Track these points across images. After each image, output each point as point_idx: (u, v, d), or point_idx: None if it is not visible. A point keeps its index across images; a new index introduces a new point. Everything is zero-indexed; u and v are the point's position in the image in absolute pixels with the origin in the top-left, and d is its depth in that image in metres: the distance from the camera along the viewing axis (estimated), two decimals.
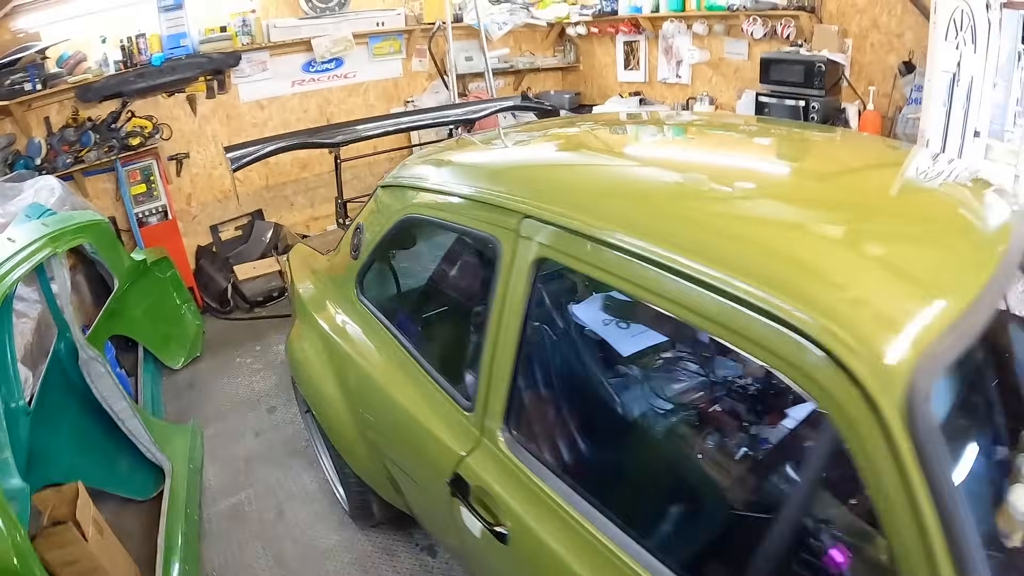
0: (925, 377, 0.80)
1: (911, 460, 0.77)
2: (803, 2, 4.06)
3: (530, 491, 1.31)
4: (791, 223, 1.14)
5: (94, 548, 2.09)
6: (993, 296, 0.95)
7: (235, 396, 3.64)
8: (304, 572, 2.43)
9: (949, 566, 0.75)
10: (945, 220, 1.18)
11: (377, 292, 2.22)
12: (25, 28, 3.95)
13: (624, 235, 1.13)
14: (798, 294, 0.89)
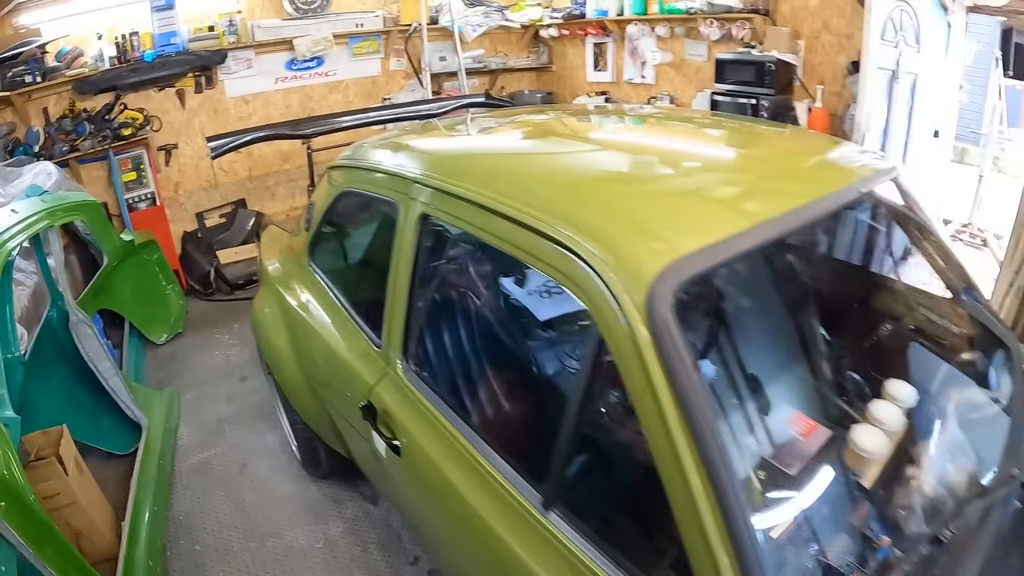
0: (661, 292, 1.06)
1: (649, 346, 1.04)
2: (757, 5, 4.31)
3: (417, 409, 1.62)
4: (604, 181, 1.47)
5: (73, 484, 2.38)
6: (754, 237, 1.22)
7: (212, 367, 3.95)
8: (261, 517, 2.72)
9: (682, 432, 0.99)
10: (748, 185, 1.48)
11: (323, 258, 2.53)
12: (27, 24, 4.25)
13: (471, 191, 1.47)
14: (581, 229, 1.20)
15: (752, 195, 1.40)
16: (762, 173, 1.55)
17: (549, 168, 1.69)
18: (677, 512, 0.97)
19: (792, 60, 4.21)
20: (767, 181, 1.49)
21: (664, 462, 0.99)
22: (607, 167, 1.65)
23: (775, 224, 1.28)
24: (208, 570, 2.47)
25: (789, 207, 1.34)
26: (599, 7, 5.23)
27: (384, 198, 1.90)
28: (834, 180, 1.52)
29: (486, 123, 2.32)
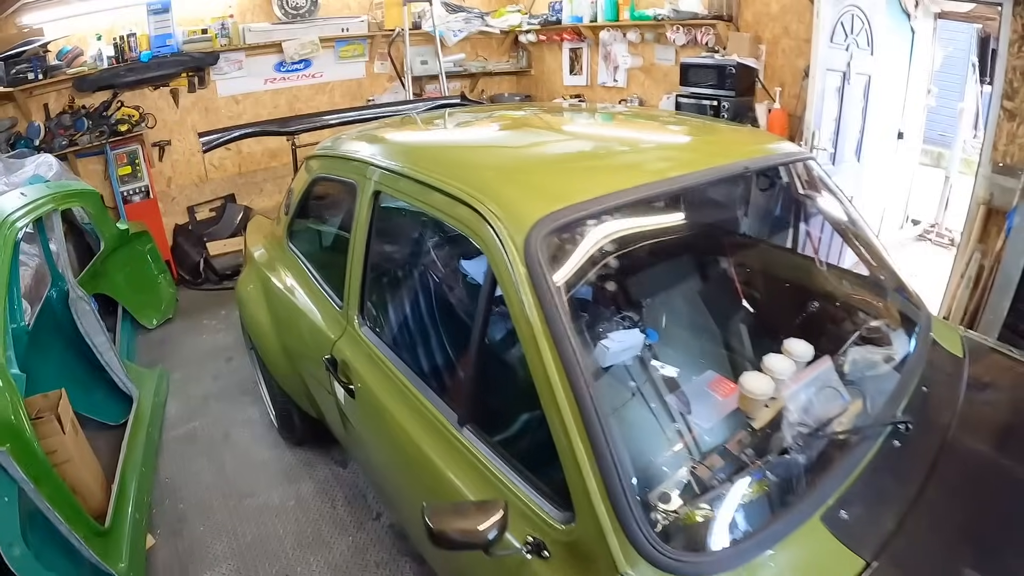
0: (538, 233, 1.35)
1: (524, 280, 1.31)
2: (721, 12, 4.57)
3: (368, 357, 1.89)
4: (517, 159, 1.78)
5: (69, 443, 2.63)
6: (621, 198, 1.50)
7: (200, 349, 4.20)
8: (239, 479, 2.98)
9: (549, 345, 1.25)
10: (636, 161, 1.78)
11: (299, 237, 2.80)
12: (30, 24, 4.50)
13: (411, 169, 1.76)
14: (484, 193, 1.48)
15: (634, 168, 1.69)
16: (656, 152, 1.84)
17: (477, 151, 2.02)
18: (548, 416, 1.23)
19: (753, 64, 4.45)
20: (655, 158, 1.77)
21: (537, 375, 1.26)
22: (524, 149, 1.97)
23: (643, 188, 1.57)
24: (190, 524, 2.72)
25: (661, 176, 1.64)
26: (574, 14, 5.51)
27: (347, 180, 2.18)
28: (719, 158, 1.80)
29: (441, 118, 2.60)
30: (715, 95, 4.44)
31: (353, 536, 2.59)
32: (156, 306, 4.61)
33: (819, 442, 1.42)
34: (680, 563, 1.09)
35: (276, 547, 2.56)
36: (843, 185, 4.09)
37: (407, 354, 1.85)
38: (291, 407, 2.86)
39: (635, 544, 1.10)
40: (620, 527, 1.11)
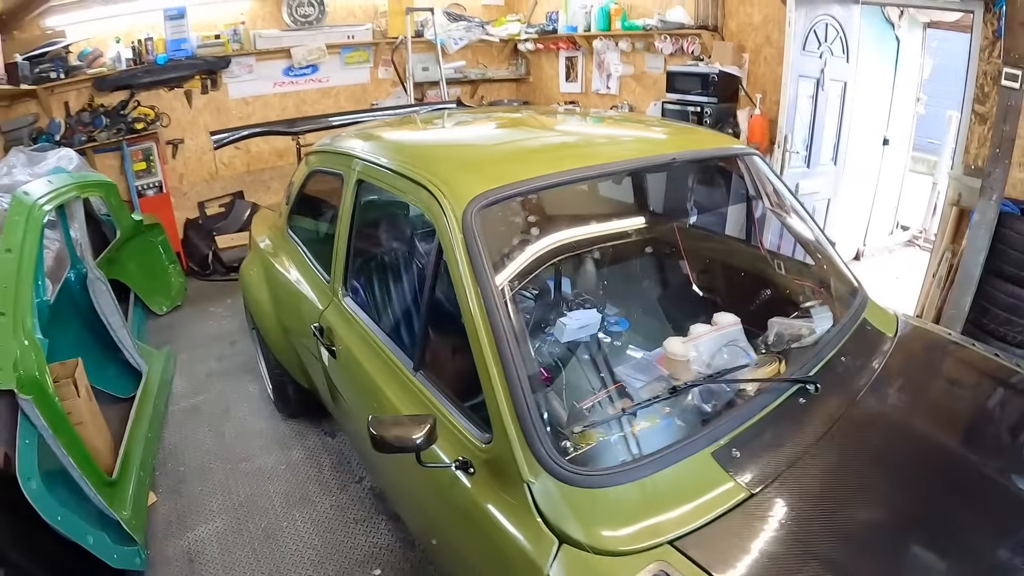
0: (474, 208, 1.58)
1: (460, 243, 1.55)
2: (707, 22, 4.81)
3: (348, 322, 2.14)
4: (472, 150, 2.04)
5: (83, 406, 2.87)
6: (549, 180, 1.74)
7: (206, 334, 4.47)
8: (236, 446, 3.22)
9: (476, 295, 1.48)
10: (574, 151, 2.02)
11: (297, 224, 3.05)
12: (53, 26, 4.82)
13: (384, 160, 2.01)
14: (438, 176, 1.72)
15: (567, 157, 1.93)
16: (593, 146, 2.08)
17: (440, 145, 2.31)
18: (475, 354, 1.47)
19: (736, 72, 4.66)
20: (590, 150, 2.01)
21: (467, 322, 1.50)
22: (479, 143, 2.25)
23: (568, 173, 1.81)
24: (189, 485, 2.97)
25: (587, 163, 1.89)
26: (569, 23, 5.77)
27: (337, 172, 2.43)
28: (651, 151, 2.04)
29: (422, 119, 2.87)
30: (699, 101, 4.67)
31: (336, 496, 2.82)
32: (166, 293, 4.88)
33: (721, 391, 1.63)
34: (573, 475, 1.31)
35: (266, 504, 2.80)
36: (819, 188, 4.35)
37: (377, 316, 2.10)
38: (286, 379, 3.10)
39: (537, 458, 1.32)
40: (526, 444, 1.33)
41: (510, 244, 1.72)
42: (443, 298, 1.69)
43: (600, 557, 1.21)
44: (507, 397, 1.37)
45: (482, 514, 1.41)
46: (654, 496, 1.30)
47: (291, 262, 2.88)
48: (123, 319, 3.63)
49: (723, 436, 1.46)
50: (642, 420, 1.51)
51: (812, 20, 3.94)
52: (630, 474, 1.33)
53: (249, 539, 2.62)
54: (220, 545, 2.60)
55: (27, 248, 2.63)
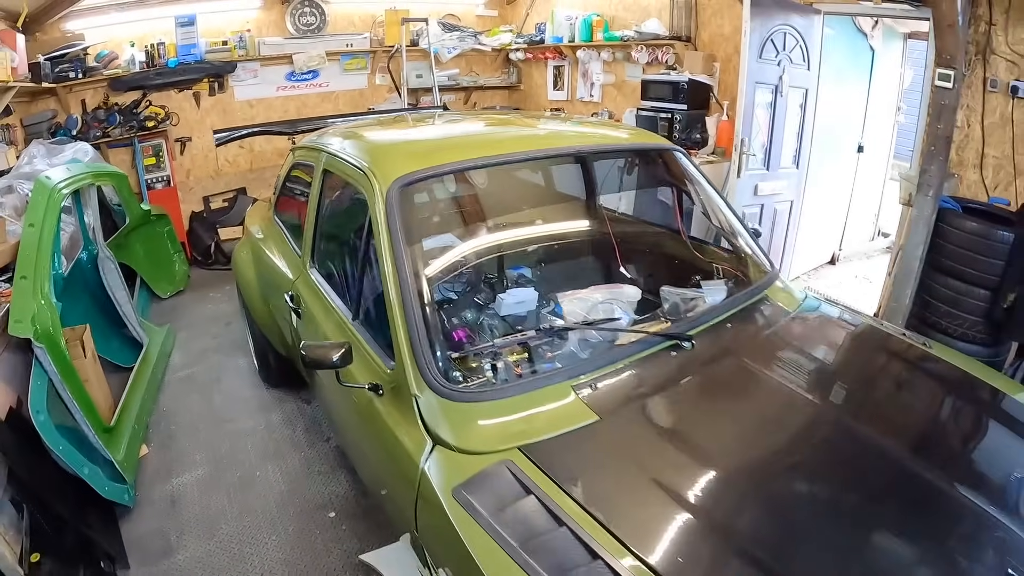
0: (396, 188, 1.91)
1: (383, 213, 1.87)
2: (680, 33, 5.12)
3: (311, 288, 2.47)
4: (409, 142, 2.36)
5: (88, 366, 3.21)
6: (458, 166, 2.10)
7: (204, 315, 4.83)
8: (223, 410, 3.56)
9: (391, 260, 1.80)
10: (492, 143, 2.36)
11: (280, 209, 3.39)
12: (73, 29, 5.23)
13: (340, 151, 2.36)
14: (375, 163, 2.05)
15: (484, 148, 2.27)
16: (516, 140, 2.40)
17: (388, 139, 2.63)
18: (385, 297, 1.79)
19: (707, 80, 4.93)
20: (510, 143, 2.34)
21: (382, 272, 1.82)
22: (421, 137, 2.58)
23: (480, 160, 2.17)
24: (177, 441, 3.30)
25: (499, 152, 2.23)
26: (555, 34, 6.10)
27: (310, 163, 2.77)
28: (562, 144, 2.37)
29: (389, 120, 3.23)
30: (670, 108, 4.92)
31: (305, 452, 3.14)
32: (170, 279, 5.26)
33: (595, 339, 1.92)
34: (449, 391, 1.62)
35: (243, 457, 3.13)
36: (780, 190, 4.62)
37: (331, 280, 2.42)
38: (268, 349, 3.44)
39: (423, 377, 1.64)
40: (415, 365, 1.65)
41: (427, 217, 2.05)
42: (373, 260, 2.00)
43: (462, 455, 1.52)
44: (404, 329, 1.69)
45: (383, 424, 1.73)
46: (513, 413, 1.61)
47: (274, 243, 3.22)
48: (129, 296, 3.99)
49: (586, 373, 1.73)
50: (515, 355, 1.81)
51: (769, 30, 4.19)
52: (494, 394, 1.65)
53: (226, 486, 2.95)
54: (200, 490, 2.93)
55: (47, 224, 2.99)
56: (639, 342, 1.88)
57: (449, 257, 2.18)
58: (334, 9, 6.18)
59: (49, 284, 2.89)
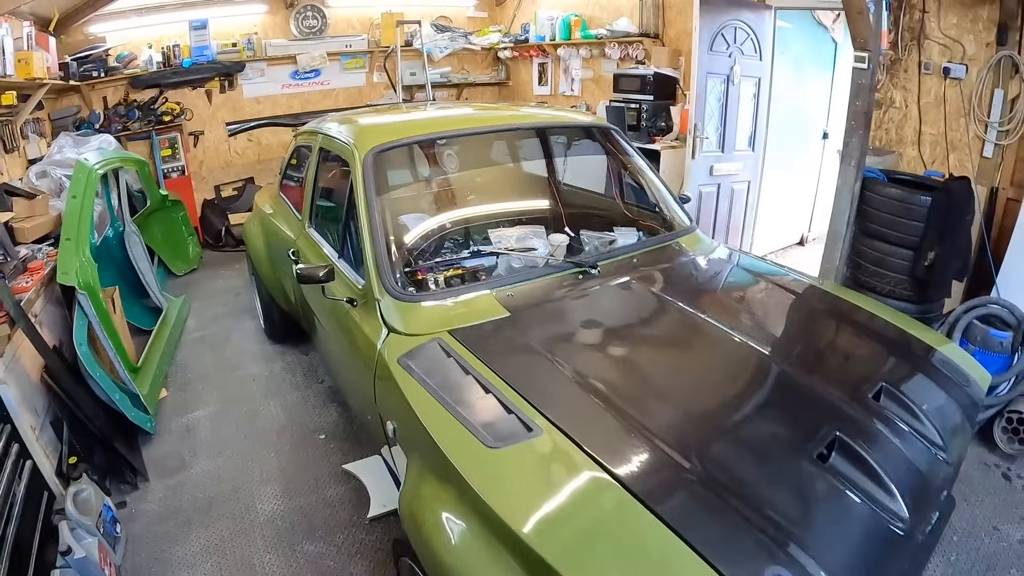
0: (373, 155, 2.41)
1: (360, 175, 2.36)
2: (648, 30, 5.59)
3: (309, 242, 2.96)
4: (387, 122, 2.81)
5: (117, 320, 3.69)
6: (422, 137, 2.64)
7: (216, 288, 5.34)
8: (233, 360, 4.06)
9: (365, 205, 2.30)
10: (455, 121, 2.86)
11: (285, 186, 3.89)
12: (95, 33, 5.77)
13: (333, 133, 2.84)
14: (357, 139, 2.54)
15: (444, 125, 2.79)
16: (469, 119, 2.90)
17: (371, 121, 3.05)
18: (359, 228, 2.28)
19: (673, 73, 5.39)
20: (465, 122, 2.84)
21: (356, 214, 2.31)
22: (397, 120, 3.04)
23: (437, 134, 2.72)
24: (192, 385, 3.80)
25: (453, 128, 2.78)
26: (538, 33, 6.58)
27: (309, 144, 3.27)
28: (510, 122, 2.86)
29: (377, 109, 3.73)
30: (638, 99, 5.37)
31: (302, 392, 3.63)
32: (185, 259, 5.78)
33: (519, 263, 2.41)
34: (401, 295, 2.11)
35: (249, 396, 3.62)
36: (736, 171, 5.07)
37: (324, 233, 2.92)
38: (273, 307, 3.94)
39: (384, 286, 2.13)
40: (379, 278, 2.14)
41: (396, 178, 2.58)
42: (353, 211, 2.47)
43: (406, 336, 2.00)
44: (372, 253, 2.20)
45: (354, 324, 2.22)
46: (447, 310, 2.10)
47: (279, 215, 3.71)
48: (151, 266, 4.52)
49: (506, 285, 2.24)
50: (452, 271, 2.33)
51: (720, 24, 4.64)
52: (433, 297, 2.15)
53: (234, 418, 3.44)
54: (211, 421, 3.42)
55: (87, 197, 3.48)
56: (553, 267, 2.37)
57: (409, 206, 2.67)
58: (334, 13, 6.70)
59: (88, 246, 3.40)
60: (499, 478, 1.44)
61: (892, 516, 1.41)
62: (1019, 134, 3.49)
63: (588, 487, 1.38)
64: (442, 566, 1.39)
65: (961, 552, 2.39)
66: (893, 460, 1.55)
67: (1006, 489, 2.76)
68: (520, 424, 1.54)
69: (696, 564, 1.19)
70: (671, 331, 2.11)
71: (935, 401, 1.85)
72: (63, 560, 2.12)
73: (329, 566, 2.42)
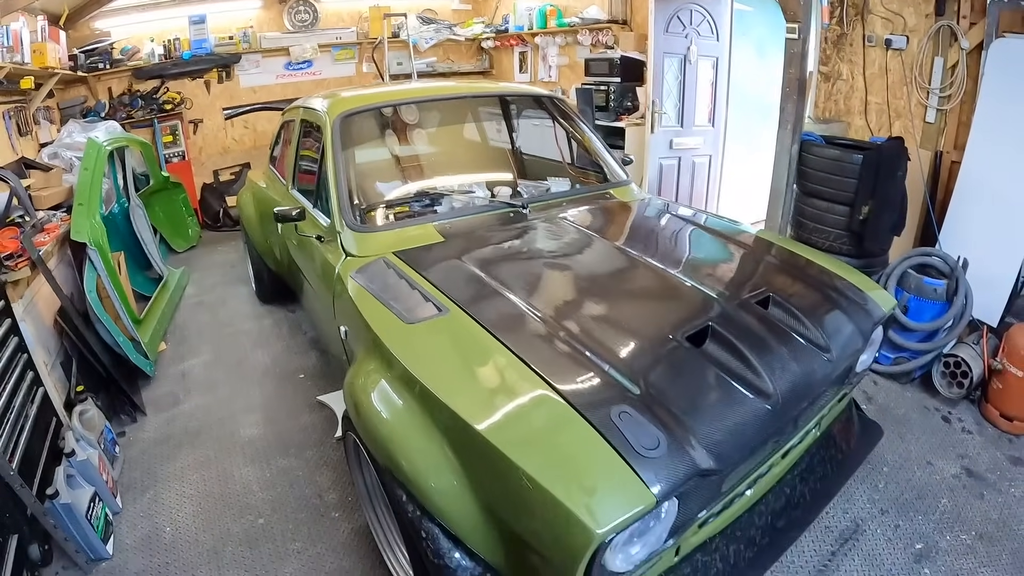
0: (341, 119, 2.79)
1: (329, 135, 2.73)
2: (617, 17, 5.95)
3: (293, 200, 3.32)
4: (359, 94, 3.18)
5: (123, 281, 4.09)
6: (386, 103, 3.03)
7: (214, 262, 5.74)
8: (226, 320, 4.45)
9: (331, 157, 2.67)
10: (415, 93, 3.21)
11: (275, 161, 4.26)
12: (101, 28, 6.20)
13: (309, 105, 3.21)
14: (326, 107, 2.92)
15: (404, 95, 3.18)
16: (428, 90, 3.28)
17: (346, 95, 3.34)
18: (323, 174, 2.65)
19: (639, 56, 5.70)
20: (424, 92, 3.22)
21: (324, 162, 2.68)
22: (368, 92, 3.38)
23: (396, 99, 3.09)
24: (189, 340, 4.19)
25: (411, 96, 3.17)
26: (518, 23, 6.93)
27: (293, 118, 3.64)
28: (463, 92, 3.23)
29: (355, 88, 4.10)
30: (607, 81, 5.71)
31: (287, 342, 4.02)
32: (185, 237, 6.18)
33: (461, 203, 2.77)
34: (359, 228, 2.48)
35: (239, 347, 4.01)
36: (697, 145, 5.40)
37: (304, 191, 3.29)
38: (263, 268, 4.32)
39: (345, 221, 2.50)
40: (340, 215, 2.51)
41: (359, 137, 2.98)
42: (324, 166, 2.82)
43: (359, 258, 2.37)
44: (336, 195, 2.57)
45: (322, 255, 2.60)
46: (393, 236, 2.48)
47: (269, 184, 4.09)
48: (154, 237, 4.91)
49: (444, 219, 2.61)
50: (399, 208, 2.72)
51: (676, 8, 4.96)
52: (382, 228, 2.54)
53: (224, 364, 3.82)
54: (204, 367, 3.81)
55: (97, 169, 3.87)
56: (488, 206, 2.76)
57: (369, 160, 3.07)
58: (325, 7, 7.09)
59: (98, 212, 3.79)
60: (414, 345, 1.80)
61: (758, 393, 1.63)
62: (959, 99, 3.75)
63: (483, 350, 1.72)
64: (372, 425, 1.74)
65: (890, 482, 2.57)
66: (765, 349, 1.77)
67: (944, 430, 2.92)
68: (434, 307, 1.91)
69: (560, 405, 1.46)
70: (581, 252, 2.43)
71: (825, 312, 2.05)
72: (67, 461, 2.48)
73: (298, 475, 2.79)
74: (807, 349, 1.85)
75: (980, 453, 2.75)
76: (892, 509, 2.43)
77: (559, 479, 1.28)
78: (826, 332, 1.93)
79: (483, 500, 1.46)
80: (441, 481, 1.51)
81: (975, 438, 2.85)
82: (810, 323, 1.94)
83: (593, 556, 1.24)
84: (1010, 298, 3.34)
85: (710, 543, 1.78)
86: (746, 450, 1.51)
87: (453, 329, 1.82)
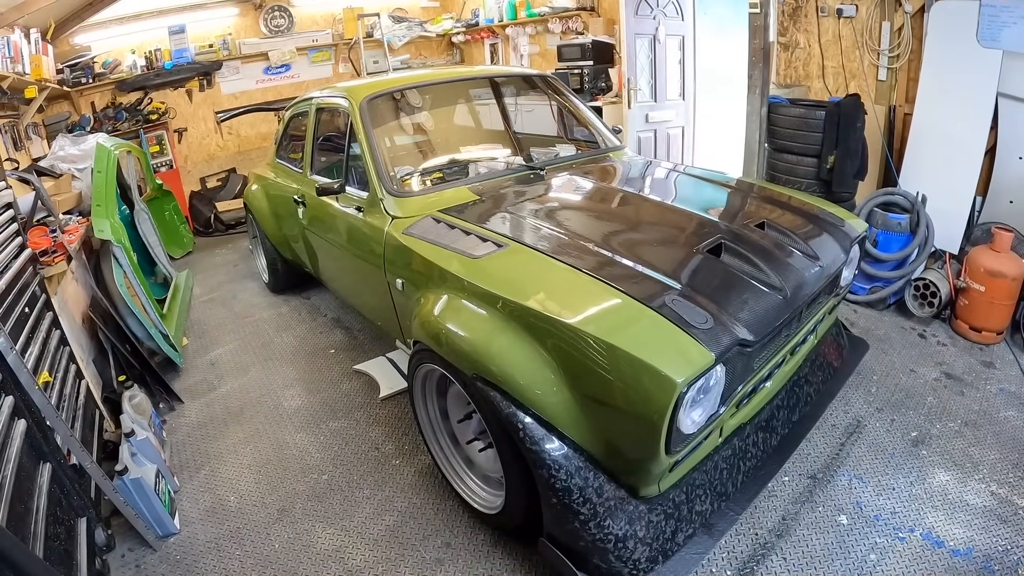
0: (367, 102, 3.02)
1: (359, 117, 2.96)
2: (584, 4, 6.26)
3: (311, 184, 3.53)
4: (375, 81, 3.42)
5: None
6: (402, 86, 3.27)
7: (214, 264, 5.88)
8: (243, 311, 4.62)
9: (365, 136, 2.91)
10: (426, 77, 3.46)
11: (282, 150, 4.44)
12: (81, 43, 6.27)
13: (327, 94, 3.45)
14: (349, 93, 3.14)
15: (419, 79, 3.44)
16: (440, 74, 3.54)
17: (356, 83, 3.62)
18: (363, 155, 2.89)
19: (609, 40, 6.05)
20: (436, 76, 3.48)
21: (359, 146, 2.92)
22: (383, 80, 3.62)
23: (416, 84, 3.35)
24: (210, 332, 4.36)
25: (425, 80, 3.42)
26: (488, 16, 7.20)
27: (304, 110, 3.84)
28: (472, 74, 3.51)
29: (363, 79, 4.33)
30: (580, 65, 6.01)
31: (309, 324, 4.23)
32: (180, 243, 6.31)
33: (486, 168, 3.06)
34: (399, 194, 2.73)
35: (263, 333, 4.20)
36: (670, 118, 5.75)
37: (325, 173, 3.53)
38: (277, 258, 4.51)
39: (386, 189, 2.74)
40: (380, 184, 2.76)
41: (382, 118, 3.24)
42: (353, 146, 3.06)
43: (406, 219, 2.62)
44: (374, 169, 2.81)
45: (364, 223, 2.85)
46: (433, 199, 2.73)
47: (279, 175, 4.28)
48: (159, 240, 5.05)
49: (476, 182, 2.89)
50: (435, 174, 2.99)
51: None
52: (421, 192, 2.79)
53: (252, 349, 4.02)
54: (232, 354, 3.99)
55: (109, 171, 4.03)
56: (511, 170, 3.05)
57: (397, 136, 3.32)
58: (300, 11, 7.27)
59: (116, 212, 3.94)
60: (488, 272, 2.07)
61: (771, 287, 1.97)
62: (907, 58, 4.19)
63: (549, 267, 2.00)
64: (457, 342, 2.00)
65: (881, 387, 2.96)
66: (770, 257, 2.12)
67: (922, 344, 3.34)
68: (493, 245, 2.19)
69: (625, 298, 1.77)
70: (601, 198, 2.77)
71: (811, 232, 2.41)
72: (127, 441, 2.60)
73: (351, 434, 3.02)
74: (802, 258, 2.20)
75: (956, 360, 3.15)
76: (886, 408, 2.80)
77: (644, 348, 1.57)
78: (815, 246, 2.30)
79: (572, 385, 1.73)
80: (533, 376, 1.78)
81: (950, 349, 3.25)
82: (801, 240, 2.31)
83: (672, 417, 1.53)
84: (967, 228, 3.75)
85: (743, 430, 2.10)
86: (769, 328, 1.82)
87: (517, 258, 2.11)
